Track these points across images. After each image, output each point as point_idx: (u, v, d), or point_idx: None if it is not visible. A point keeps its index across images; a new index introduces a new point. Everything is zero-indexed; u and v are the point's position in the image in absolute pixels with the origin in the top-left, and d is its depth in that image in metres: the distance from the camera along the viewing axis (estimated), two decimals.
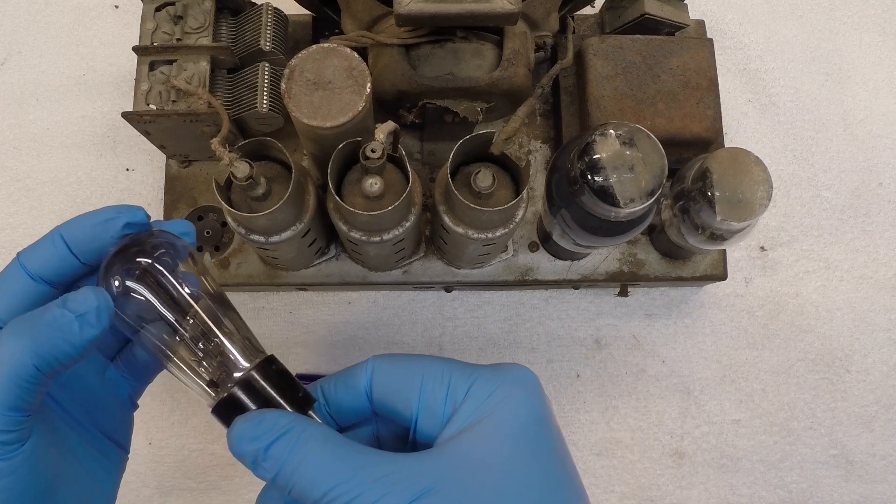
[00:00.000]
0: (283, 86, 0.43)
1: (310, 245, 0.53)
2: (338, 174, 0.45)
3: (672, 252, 0.60)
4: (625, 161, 0.43)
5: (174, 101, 0.51)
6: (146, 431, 0.60)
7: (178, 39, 0.52)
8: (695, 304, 0.65)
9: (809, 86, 0.71)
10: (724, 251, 0.62)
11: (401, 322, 0.63)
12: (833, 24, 0.73)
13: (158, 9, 0.53)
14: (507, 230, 0.48)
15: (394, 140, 0.44)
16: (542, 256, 0.61)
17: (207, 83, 0.51)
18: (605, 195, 0.43)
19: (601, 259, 0.61)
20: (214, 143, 0.41)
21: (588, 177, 0.43)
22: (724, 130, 0.66)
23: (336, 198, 0.43)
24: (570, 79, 0.61)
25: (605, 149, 0.44)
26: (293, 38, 0.60)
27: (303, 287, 0.61)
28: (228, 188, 0.45)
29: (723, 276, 0.61)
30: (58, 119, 0.66)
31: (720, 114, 0.57)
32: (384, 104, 0.53)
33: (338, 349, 0.63)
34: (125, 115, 0.51)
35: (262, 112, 0.52)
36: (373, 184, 0.43)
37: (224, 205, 0.43)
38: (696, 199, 0.49)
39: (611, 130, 0.44)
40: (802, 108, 0.70)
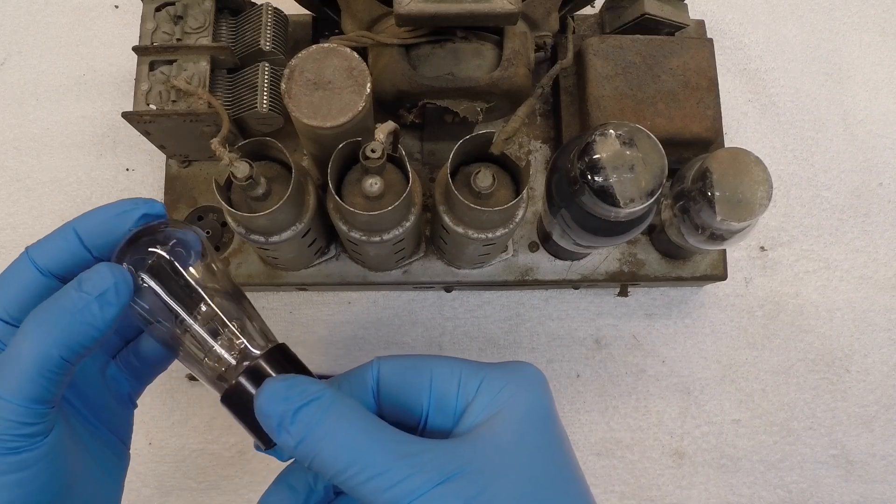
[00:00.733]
0: (283, 86, 0.43)
1: (310, 245, 0.53)
2: (338, 174, 0.45)
3: (672, 252, 0.60)
4: (625, 161, 0.43)
5: (174, 101, 0.51)
6: (146, 431, 0.60)
7: (178, 39, 0.52)
8: (695, 304, 0.65)
9: (809, 86, 0.71)
10: (724, 251, 0.62)
11: (401, 322, 0.63)
12: (833, 24, 0.73)
13: (158, 9, 0.53)
14: (507, 230, 0.48)
15: (394, 140, 0.44)
16: (542, 256, 0.61)
17: (207, 83, 0.51)
18: (605, 195, 0.43)
19: (601, 259, 0.61)
20: (214, 143, 0.41)
21: (588, 177, 0.43)
22: (724, 130, 0.66)
23: (336, 198, 0.43)
24: (570, 79, 0.61)
25: (605, 149, 0.43)
26: (293, 38, 0.60)
27: (303, 287, 0.61)
28: (228, 188, 0.45)
29: (723, 276, 0.61)
30: (58, 119, 0.66)
31: (720, 114, 0.57)
32: (384, 104, 0.53)
33: (338, 349, 0.63)
34: (125, 115, 0.51)
35: (262, 112, 0.52)
36: (373, 184, 0.43)
37: (224, 205, 0.43)
38: (696, 199, 0.49)
39: (611, 130, 0.44)
40: (802, 108, 0.70)
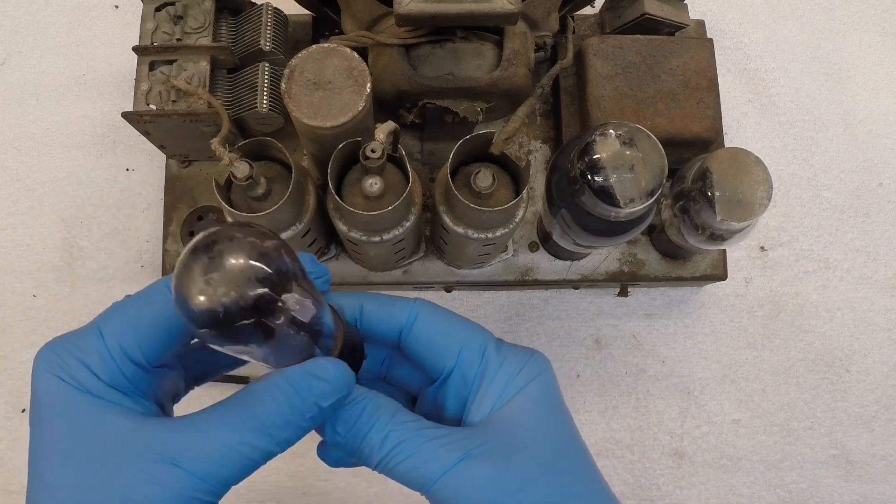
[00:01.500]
0: (283, 86, 0.43)
1: (310, 245, 0.53)
2: (338, 174, 0.45)
3: (672, 252, 0.60)
4: (625, 161, 0.43)
5: (174, 101, 0.51)
6: None
7: (178, 39, 0.52)
8: (695, 304, 0.65)
9: (809, 86, 0.71)
10: (724, 251, 0.62)
11: None
12: (833, 24, 0.73)
13: (158, 9, 0.53)
14: (507, 230, 0.48)
15: (394, 140, 0.44)
16: (542, 256, 0.61)
17: (207, 83, 0.51)
18: (605, 195, 0.43)
19: (601, 259, 0.61)
20: (214, 143, 0.41)
21: (588, 177, 0.43)
22: (724, 130, 0.66)
23: (336, 198, 0.43)
24: (570, 79, 0.61)
25: (605, 149, 0.43)
26: (293, 38, 0.60)
27: None
28: (228, 188, 0.45)
29: (723, 276, 0.61)
30: (58, 119, 0.66)
31: (720, 114, 0.57)
32: (384, 104, 0.53)
33: None
34: (125, 115, 0.51)
35: (262, 112, 0.52)
36: (373, 184, 0.43)
37: (224, 205, 0.43)
38: (696, 199, 0.49)
39: (611, 130, 0.44)
40: (802, 108, 0.70)
